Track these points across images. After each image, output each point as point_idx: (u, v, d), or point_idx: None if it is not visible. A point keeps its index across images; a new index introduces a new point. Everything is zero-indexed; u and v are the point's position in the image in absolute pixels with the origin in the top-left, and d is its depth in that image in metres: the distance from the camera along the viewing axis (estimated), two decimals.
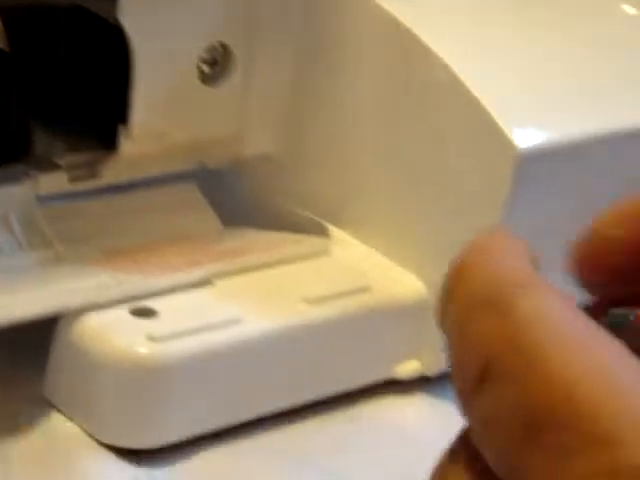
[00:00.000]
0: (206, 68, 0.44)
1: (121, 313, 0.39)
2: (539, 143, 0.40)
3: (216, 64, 0.45)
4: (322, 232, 0.45)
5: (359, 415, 0.42)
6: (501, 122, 0.39)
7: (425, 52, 0.41)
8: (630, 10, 0.48)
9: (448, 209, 0.42)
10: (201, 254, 0.43)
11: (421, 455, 0.36)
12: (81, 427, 0.39)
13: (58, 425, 0.39)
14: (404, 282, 0.43)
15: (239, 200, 0.48)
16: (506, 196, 0.40)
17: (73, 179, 0.44)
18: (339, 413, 0.42)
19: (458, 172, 0.41)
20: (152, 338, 0.37)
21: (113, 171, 0.44)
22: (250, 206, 0.48)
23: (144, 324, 0.38)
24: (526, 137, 0.39)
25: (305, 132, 0.46)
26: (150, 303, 0.39)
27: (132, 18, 0.41)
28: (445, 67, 0.41)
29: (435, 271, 0.41)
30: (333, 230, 0.45)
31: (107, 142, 0.44)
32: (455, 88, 0.41)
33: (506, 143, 0.39)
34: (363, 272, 0.43)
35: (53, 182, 0.43)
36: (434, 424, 0.42)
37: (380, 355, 0.43)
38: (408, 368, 0.43)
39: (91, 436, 0.39)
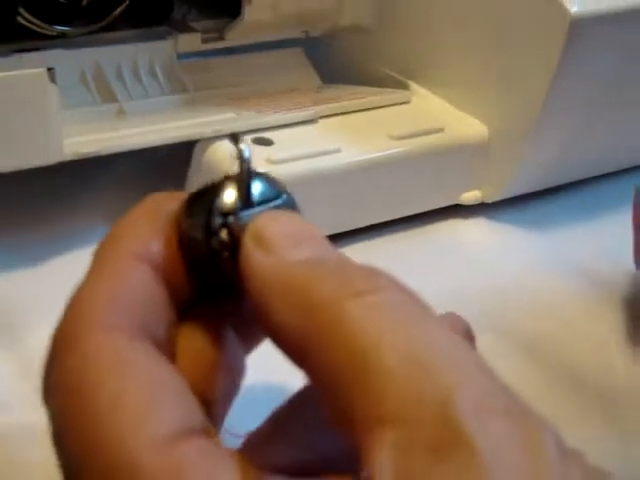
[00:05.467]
0: None
1: (245, 141, 0.37)
2: (592, 8, 0.37)
3: None
4: (404, 87, 0.45)
5: (429, 233, 0.42)
6: None
7: None
8: None
9: (507, 67, 0.40)
10: (306, 100, 0.42)
11: (478, 266, 0.40)
12: None
13: None
14: (471, 126, 0.42)
15: (336, 63, 0.47)
16: (558, 58, 0.37)
17: (205, 40, 0.44)
18: (413, 231, 0.42)
19: (516, 36, 0.39)
20: (271, 161, 0.37)
21: (237, 35, 0.44)
22: (345, 68, 0.47)
23: (264, 150, 0.37)
24: (579, 2, 0.37)
25: (393, 6, 0.45)
26: (268, 134, 0.39)
27: None
28: None
29: (497, 119, 0.41)
30: (414, 86, 0.44)
31: (233, 10, 0.43)
32: None
33: (560, 7, 0.37)
34: (438, 118, 0.42)
35: (189, 42, 0.43)
36: (490, 242, 0.42)
37: (449, 185, 0.42)
38: (471, 196, 0.43)
39: None
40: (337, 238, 0.39)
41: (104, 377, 0.18)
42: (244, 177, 0.21)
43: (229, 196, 0.21)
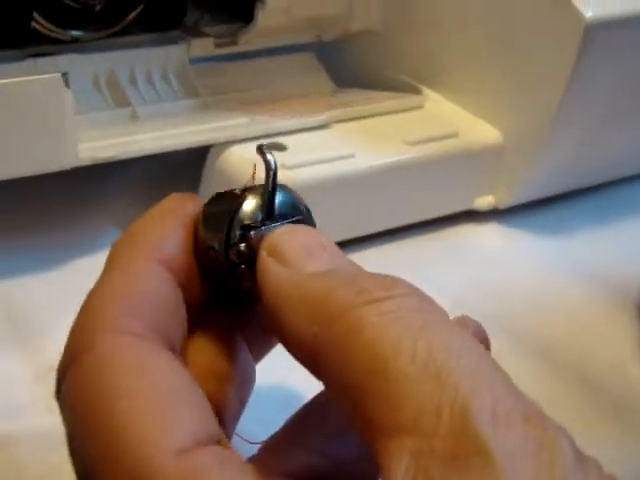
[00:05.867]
0: None
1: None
2: (607, 13, 0.37)
3: None
4: (417, 92, 0.45)
5: (443, 239, 0.42)
6: None
7: None
8: None
9: (521, 72, 0.40)
10: (320, 105, 0.42)
11: (491, 271, 0.40)
12: None
13: None
14: (485, 132, 0.42)
15: (348, 68, 0.48)
16: (573, 62, 0.37)
17: (218, 45, 0.44)
18: (427, 236, 0.42)
19: (530, 40, 0.39)
20: (284, 166, 0.36)
21: (250, 40, 0.44)
22: (357, 73, 0.47)
23: (277, 155, 0.37)
24: (594, 7, 0.37)
25: (404, 10, 0.45)
26: (281, 139, 0.38)
27: None
28: None
29: (510, 123, 0.41)
30: (427, 91, 0.44)
31: (246, 16, 0.43)
32: None
33: (575, 12, 0.37)
34: (451, 123, 0.42)
35: (202, 47, 0.43)
36: (504, 248, 0.42)
37: (463, 190, 0.42)
38: (485, 201, 0.43)
39: None
40: (350, 243, 0.39)
41: (123, 382, 0.18)
42: (269, 190, 0.21)
43: (252, 209, 0.21)
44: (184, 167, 0.40)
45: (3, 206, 0.39)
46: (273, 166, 0.21)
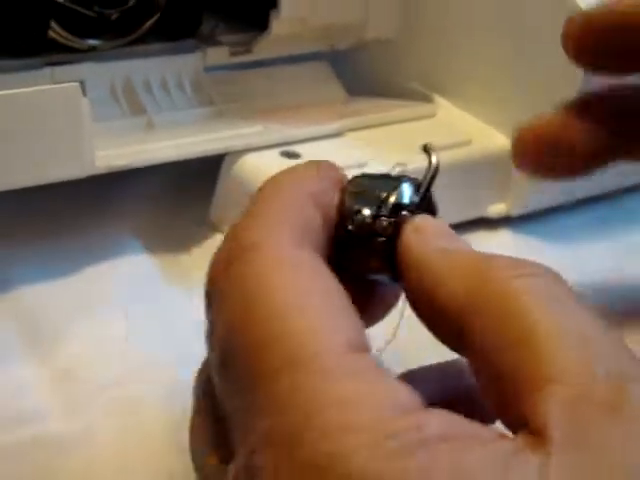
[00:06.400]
0: None
1: (273, 154, 0.38)
2: None
3: None
4: (429, 100, 0.45)
5: None
6: None
7: None
8: None
9: (532, 81, 0.40)
10: (333, 113, 0.43)
11: None
12: None
13: None
14: (496, 139, 0.42)
15: (361, 76, 0.48)
16: (583, 71, 0.37)
17: (233, 54, 0.44)
18: None
19: (542, 49, 0.40)
20: None
21: (265, 48, 0.44)
22: (369, 81, 0.48)
23: (291, 163, 0.37)
24: None
25: (416, 19, 0.46)
26: (295, 148, 0.39)
27: None
28: None
29: None
30: (439, 99, 0.45)
31: (261, 24, 0.43)
32: None
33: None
34: (463, 131, 0.42)
35: (217, 55, 0.44)
36: (515, 255, 0.41)
37: (475, 198, 0.42)
38: (497, 209, 0.43)
39: None
40: None
41: (291, 279, 0.19)
42: (428, 184, 0.24)
43: (408, 193, 0.23)
44: (199, 175, 0.41)
45: (17, 212, 0.40)
46: (436, 165, 0.24)
